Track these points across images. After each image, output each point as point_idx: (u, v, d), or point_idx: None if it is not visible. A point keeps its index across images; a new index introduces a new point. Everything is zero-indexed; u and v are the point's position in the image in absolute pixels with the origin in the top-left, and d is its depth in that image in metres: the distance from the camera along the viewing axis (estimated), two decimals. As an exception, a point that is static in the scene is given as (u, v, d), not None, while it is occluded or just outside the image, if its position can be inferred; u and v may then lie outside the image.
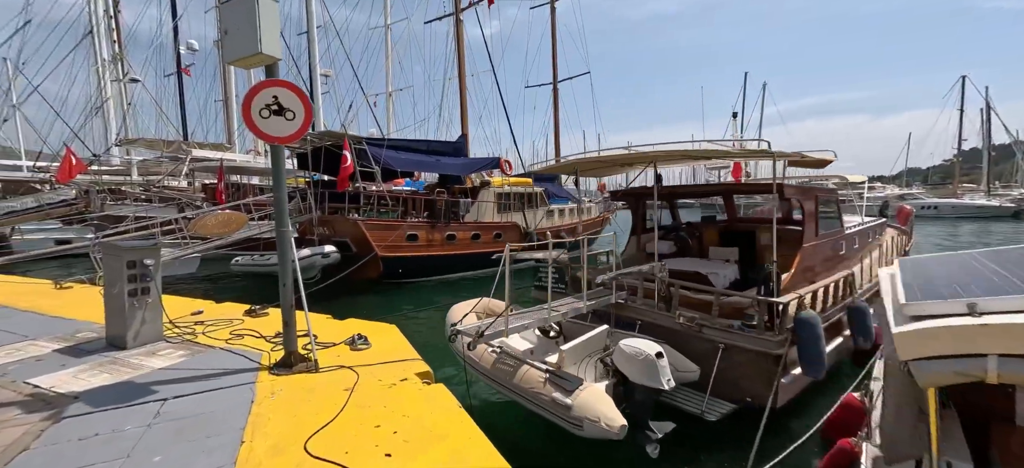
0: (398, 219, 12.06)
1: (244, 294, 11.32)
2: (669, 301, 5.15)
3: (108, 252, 4.70)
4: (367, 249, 11.45)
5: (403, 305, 11.01)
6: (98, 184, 15.90)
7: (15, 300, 7.12)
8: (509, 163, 15.32)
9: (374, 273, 11.89)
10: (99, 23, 26.62)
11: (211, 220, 9.56)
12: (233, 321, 5.70)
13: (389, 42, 29.15)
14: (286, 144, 4.00)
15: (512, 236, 15.51)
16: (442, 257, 12.98)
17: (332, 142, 11.55)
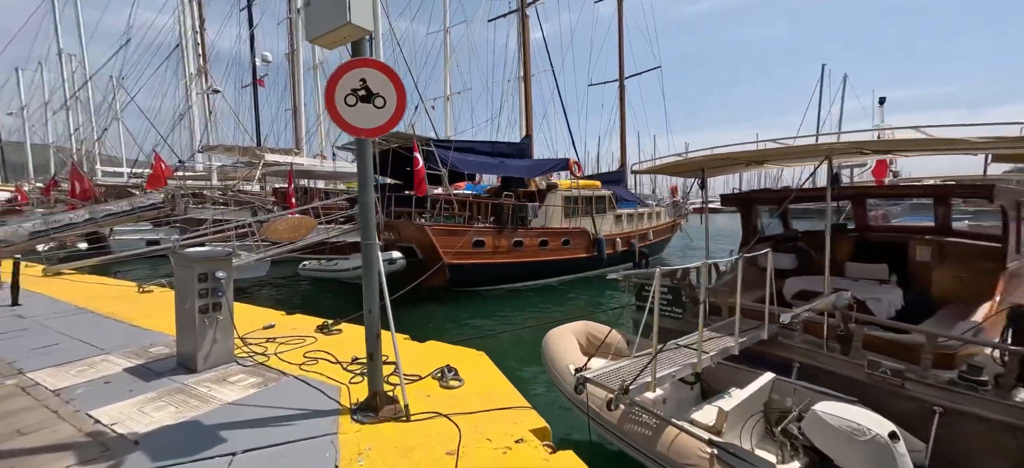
0: (464, 224, 11.41)
1: (311, 300, 11.18)
2: (846, 340, 3.90)
3: (180, 262, 4.24)
4: (434, 256, 10.88)
5: (471, 317, 10.30)
6: (182, 188, 16.72)
7: (101, 304, 7.11)
8: (578, 164, 14.29)
9: (440, 281, 11.31)
10: (186, 39, 28.82)
11: (282, 224, 9.38)
12: (305, 340, 5.14)
13: (448, 45, 29.11)
14: (374, 137, 3.26)
15: (581, 243, 14.45)
16: (509, 265, 12.19)
17: (400, 144, 11.13)
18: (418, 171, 10.28)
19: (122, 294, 7.95)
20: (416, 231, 10.69)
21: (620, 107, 21.55)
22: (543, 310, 11.14)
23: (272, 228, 9.30)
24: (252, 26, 28.55)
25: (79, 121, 37.57)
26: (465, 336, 8.97)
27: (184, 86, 31.32)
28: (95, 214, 16.82)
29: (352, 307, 11.33)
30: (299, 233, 9.79)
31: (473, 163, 12.53)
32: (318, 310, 10.81)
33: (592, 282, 14.79)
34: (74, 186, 18.88)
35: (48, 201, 22.45)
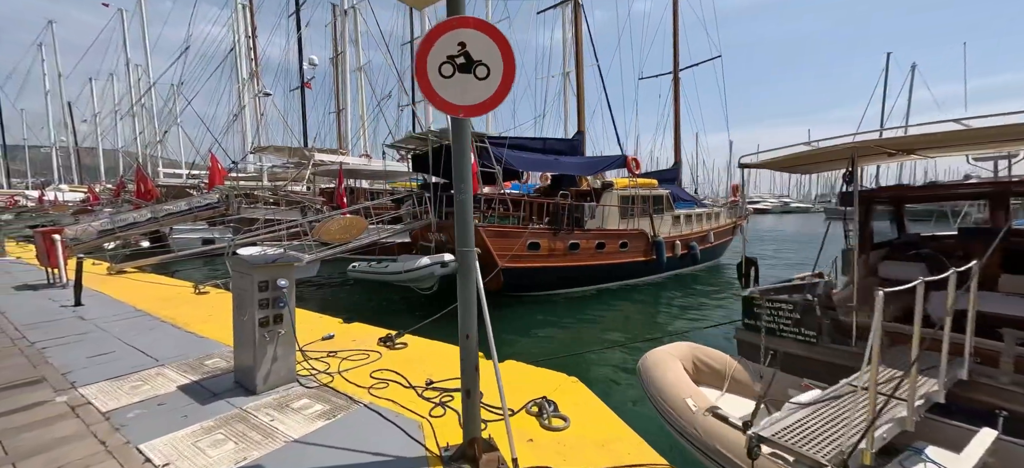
0: (518, 226, 10.73)
1: (363, 304, 10.84)
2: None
3: (238, 268, 3.75)
4: (488, 259, 10.26)
5: (530, 326, 9.60)
6: (235, 189, 17.02)
7: (159, 306, 6.92)
8: (636, 161, 13.30)
9: (494, 285, 10.68)
10: (239, 46, 29.90)
11: (334, 225, 9.05)
12: (369, 355, 4.58)
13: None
14: (474, 115, 2.58)
15: (639, 246, 13.45)
16: (565, 269, 11.40)
17: None
18: (471, 169, 9.69)
19: (179, 296, 7.78)
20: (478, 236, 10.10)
21: (674, 101, 20.26)
22: (602, 318, 10.30)
23: (325, 229, 8.96)
24: (300, 30, 29.22)
25: (143, 126, 40.03)
26: (524, 343, 8.28)
27: (236, 91, 32.68)
28: (156, 213, 17.43)
29: (408, 314, 10.92)
30: (351, 234, 9.42)
31: (528, 161, 11.85)
32: (373, 316, 10.37)
33: (649, 287, 13.77)
34: (139, 187, 19.75)
35: (116, 201, 23.75)
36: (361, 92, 27.31)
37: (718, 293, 12.78)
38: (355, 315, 10.25)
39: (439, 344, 4.97)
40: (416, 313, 10.15)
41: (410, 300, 11.43)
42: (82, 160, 51.70)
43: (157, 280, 9.46)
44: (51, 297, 7.69)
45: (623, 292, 12.74)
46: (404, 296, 11.69)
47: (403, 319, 10.00)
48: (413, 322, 9.72)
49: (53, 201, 32.59)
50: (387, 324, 6.72)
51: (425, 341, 5.10)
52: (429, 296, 10.11)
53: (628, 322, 10.07)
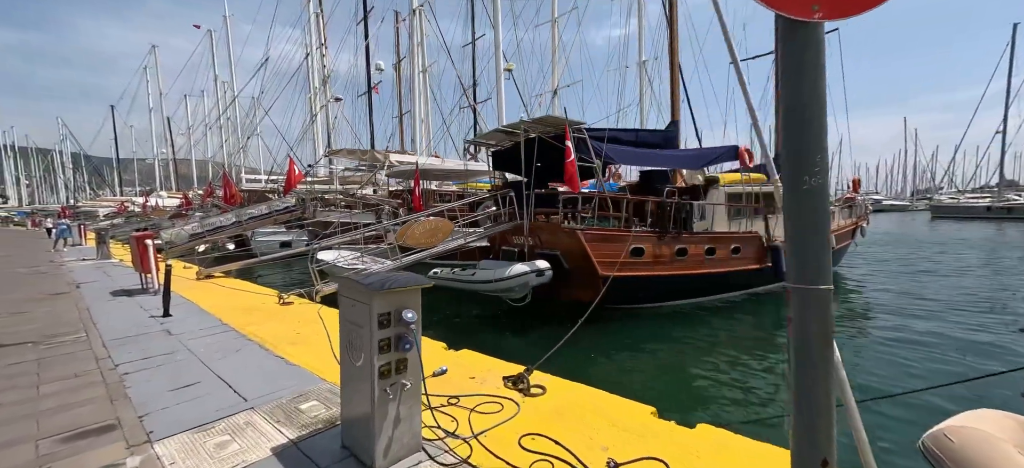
0: (621, 229, 9.30)
1: (451, 318, 9.82)
2: None
3: (349, 292, 2.71)
4: (585, 266, 8.95)
5: (641, 345, 8.15)
6: (311, 193, 17.04)
7: (244, 318, 6.31)
8: (749, 152, 11.37)
9: (589, 296, 9.33)
10: (312, 55, 30.99)
11: (419, 229, 8.18)
12: (502, 405, 3.43)
13: (556, 35, 27.33)
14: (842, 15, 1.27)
15: (751, 251, 11.48)
16: (673, 279, 9.79)
17: (550, 130, 9.38)
18: (569, 164, 8.45)
19: (263, 306, 7.20)
20: (566, 236, 8.85)
21: (776, 85, 17.69)
22: (719, 339, 8.59)
23: (410, 233, 8.11)
24: (367, 37, 29.66)
25: (227, 135, 43.09)
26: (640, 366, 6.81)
27: (308, 100, 34.04)
28: (240, 217, 17.92)
29: (493, 328, 9.82)
30: (436, 238, 8.52)
31: (629, 154, 10.39)
32: (460, 332, 9.22)
33: (763, 301, 11.72)
34: (225, 191, 20.60)
35: (205, 206, 25.24)
36: (425, 95, 27.05)
37: (880, 316, 10.17)
38: (438, 330, 9.31)
39: (589, 390, 3.72)
40: (504, 327, 9.04)
41: (493, 311, 10.38)
42: (178, 170, 56.98)
43: (241, 286, 9.11)
44: (142, 305, 7.41)
45: (731, 308, 10.86)
46: (485, 306, 10.66)
47: (500, 334, 9.21)
48: (502, 338, 8.66)
49: (155, 207, 35.69)
50: (480, 344, 5.65)
51: (566, 383, 3.88)
52: (518, 307, 8.96)
53: (747, 341, 8.29)
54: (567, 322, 9.75)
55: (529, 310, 9.26)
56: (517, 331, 8.76)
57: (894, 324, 9.25)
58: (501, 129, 9.81)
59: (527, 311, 9.22)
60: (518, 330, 8.81)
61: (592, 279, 9.17)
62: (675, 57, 13.14)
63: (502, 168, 11.97)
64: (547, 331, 8.89)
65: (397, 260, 8.44)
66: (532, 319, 9.12)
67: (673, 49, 13.05)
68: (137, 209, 38.34)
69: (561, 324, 9.40)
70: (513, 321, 9.49)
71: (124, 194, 57.45)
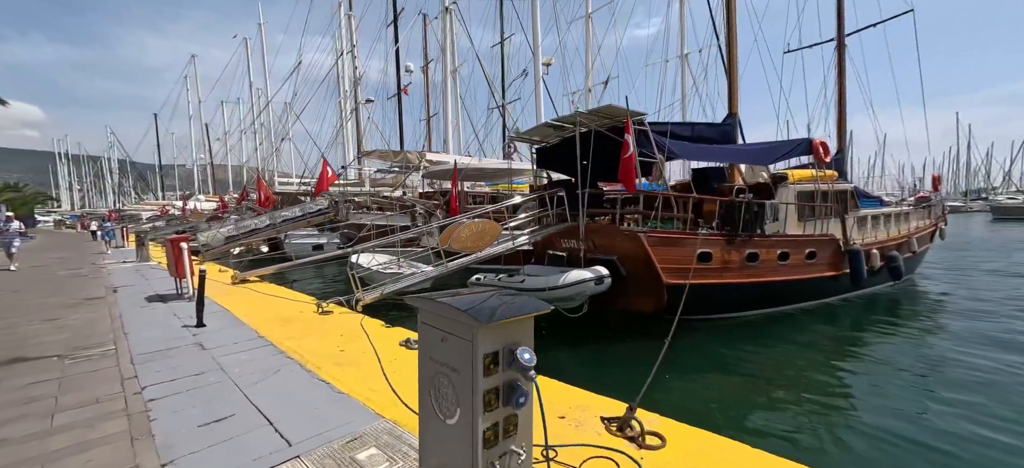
0: (686, 232, 8.33)
1: None
2: None
3: (433, 318, 1.95)
4: (646, 273, 8.03)
5: (721, 364, 7.17)
6: (345, 194, 16.69)
7: (282, 330, 5.72)
8: (824, 145, 10.16)
9: (648, 305, 8.41)
10: (343, 58, 31.10)
11: (465, 231, 7.47)
12: (617, 461, 2.59)
13: (589, 31, 26.37)
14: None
15: (828, 257, 10.28)
16: (743, 287, 8.73)
17: (607, 122, 8.51)
18: (627, 159, 7.56)
19: (301, 315, 6.62)
20: (626, 240, 7.95)
21: (838, 74, 16.28)
22: (800, 358, 7.49)
23: (455, 236, 7.41)
24: (396, 38, 29.47)
25: (261, 140, 44.00)
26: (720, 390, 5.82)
27: (338, 105, 34.22)
28: (274, 219, 17.78)
29: (558, 344, 8.82)
30: (483, 241, 7.78)
31: (693, 149, 9.41)
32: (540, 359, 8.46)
33: (838, 311, 10.47)
34: (259, 195, 20.60)
35: (240, 209, 25.50)
36: (456, 95, 26.57)
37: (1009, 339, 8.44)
38: None
39: (722, 441, 2.85)
40: (552, 340, 8.18)
41: (565, 330, 9.57)
42: (215, 174, 58.73)
43: (276, 292, 8.61)
44: (176, 312, 6.96)
45: (805, 317, 9.67)
46: (558, 325, 9.82)
47: (540, 351, 7.41)
48: (553, 353, 7.77)
49: (193, 210, 36.64)
50: (550, 368, 4.86)
51: (686, 430, 3.02)
52: (566, 319, 8.10)
53: (838, 363, 7.15)
54: (622, 335, 8.84)
55: (577, 321, 8.38)
56: (567, 345, 7.91)
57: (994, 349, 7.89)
58: (550, 122, 9.00)
59: (575, 322, 8.33)
60: (568, 344, 7.96)
61: (653, 287, 8.24)
62: (733, 44, 12.04)
63: (547, 166, 11.16)
64: (601, 346, 8.02)
65: (441, 266, 7.74)
66: (582, 331, 8.24)
67: (731, 35, 11.96)
68: (177, 212, 39.53)
69: (616, 337, 8.49)
70: (560, 333, 8.64)
71: (166, 198, 59.77)
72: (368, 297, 6.67)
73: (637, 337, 8.34)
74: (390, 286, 7.17)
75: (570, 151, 10.63)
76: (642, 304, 8.52)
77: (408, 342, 4.94)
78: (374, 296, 6.68)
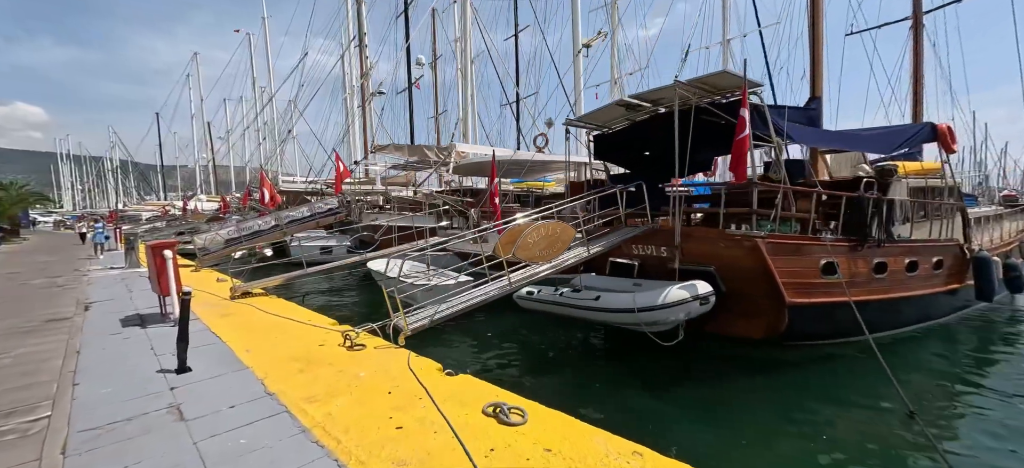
0: (807, 236, 6.52)
1: (544, 350, 7.43)
2: None
3: None
4: (760, 288, 6.25)
5: (848, 412, 5.37)
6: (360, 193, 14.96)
7: (300, 381, 3.98)
8: (951, 131, 8.35)
9: (757, 329, 6.62)
10: (350, 53, 29.46)
11: (531, 237, 5.71)
12: None
13: (615, 17, 24.55)
14: None
15: (952, 265, 8.47)
16: (873, 305, 6.90)
17: (711, 95, 6.66)
18: (741, 141, 5.77)
19: (325, 351, 4.87)
20: (733, 246, 6.14)
21: (914, 57, 14.41)
22: (931, 381, 5.69)
23: (522, 243, 5.63)
24: (408, 28, 27.77)
25: (264, 137, 42.44)
26: None
27: (343, 103, 32.52)
28: (280, 220, 16.02)
29: (628, 375, 5.76)
30: (556, 249, 6.00)
31: (811, 133, 7.58)
32: (566, 380, 6.20)
33: (953, 330, 8.61)
34: (263, 193, 18.86)
35: (243, 209, 23.79)
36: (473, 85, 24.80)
37: None
38: (522, 371, 6.73)
39: None
40: (616, 369, 6.36)
41: (589, 339, 7.77)
42: (218, 174, 57.10)
43: (287, 311, 6.87)
44: (154, 344, 5.22)
45: (920, 336, 7.85)
46: (575, 332, 8.02)
47: (610, 387, 5.90)
48: (626, 391, 5.95)
49: (194, 210, 35.02)
50: (589, 398, 3.07)
51: None
52: (667, 346, 6.25)
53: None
54: (718, 364, 6.83)
55: (696, 360, 6.55)
56: (641, 378, 6.11)
57: None
58: (625, 101, 7.22)
59: (643, 345, 6.50)
60: (642, 375, 6.17)
61: (767, 306, 6.45)
62: (818, 16, 10.21)
63: (607, 156, 9.39)
64: (694, 382, 6.17)
65: (496, 278, 5.97)
66: (656, 358, 6.41)
67: (817, 6, 10.14)
68: (178, 213, 37.98)
69: (710, 371, 6.54)
70: (623, 357, 6.85)
71: (167, 199, 58.28)
72: (414, 324, 4.92)
73: (736, 368, 6.53)
74: (436, 307, 5.43)
75: (635, 138, 8.85)
76: (748, 328, 6.72)
77: (499, 411, 3.17)
78: (421, 324, 4.93)
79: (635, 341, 6.98)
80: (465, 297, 5.44)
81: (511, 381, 6.00)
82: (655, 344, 6.21)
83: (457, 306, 5.26)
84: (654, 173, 8.97)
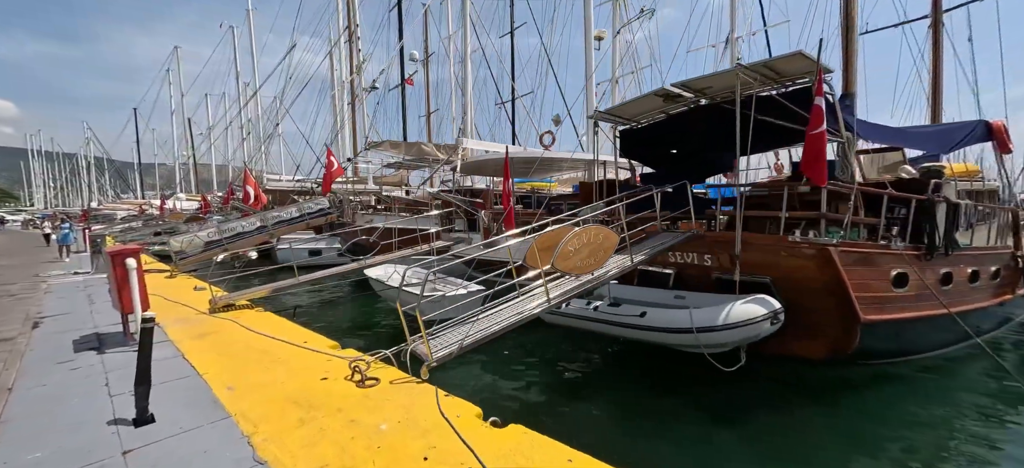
0: (879, 244, 5.75)
1: (575, 366, 6.23)
2: None
3: None
4: (829, 302, 5.46)
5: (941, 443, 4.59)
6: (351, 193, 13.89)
7: (301, 437, 3.01)
8: (1006, 129, 7.74)
9: (820, 349, 5.83)
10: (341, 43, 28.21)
11: (572, 244, 4.81)
12: None
13: (616, 13, 23.86)
14: None
15: (1008, 275, 7.83)
16: (940, 321, 6.16)
17: (783, 78, 5.80)
18: (817, 137, 4.95)
19: (329, 388, 3.90)
20: (797, 255, 5.32)
21: (933, 57, 13.96)
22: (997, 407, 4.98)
23: (563, 252, 4.73)
24: (401, 21, 26.69)
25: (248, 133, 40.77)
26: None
27: (331, 100, 31.20)
28: (266, 221, 14.81)
29: (673, 401, 4.43)
30: (599, 257, 5.12)
31: (878, 130, 6.81)
32: (601, 405, 5.26)
33: (1001, 343, 7.98)
34: (247, 192, 17.55)
35: (225, 209, 22.37)
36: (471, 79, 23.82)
37: None
38: (594, 428, 5.54)
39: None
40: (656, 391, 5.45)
41: (620, 352, 6.85)
42: (199, 173, 54.86)
43: (277, 330, 5.84)
44: (109, 377, 4.18)
45: (963, 355, 7.16)
46: (608, 358, 7.07)
47: (651, 415, 4.90)
48: (684, 428, 4.79)
49: (172, 209, 33.27)
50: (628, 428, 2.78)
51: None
52: (727, 371, 5.36)
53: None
54: (768, 387, 5.94)
55: (670, 362, 5.71)
56: (686, 402, 5.26)
57: None
58: (669, 89, 6.35)
59: (672, 364, 5.64)
60: (684, 400, 5.31)
61: (835, 323, 5.67)
62: (852, 16, 9.53)
63: (634, 154, 8.56)
64: (748, 410, 5.31)
65: (540, 298, 5.06)
66: (695, 382, 5.55)
67: (850, 14, 9.46)
68: (155, 212, 36.13)
69: (761, 395, 5.60)
70: (650, 376, 5.98)
71: (145, 198, 55.87)
72: (440, 353, 3.96)
73: (794, 394, 5.72)
74: (462, 328, 4.48)
75: (668, 132, 8.03)
76: (808, 347, 5.92)
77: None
78: (448, 352, 3.98)
79: (655, 355, 6.13)
80: (498, 317, 4.50)
81: (545, 414, 5.08)
82: (685, 366, 5.36)
83: (490, 327, 4.32)
84: (682, 172, 8.17)
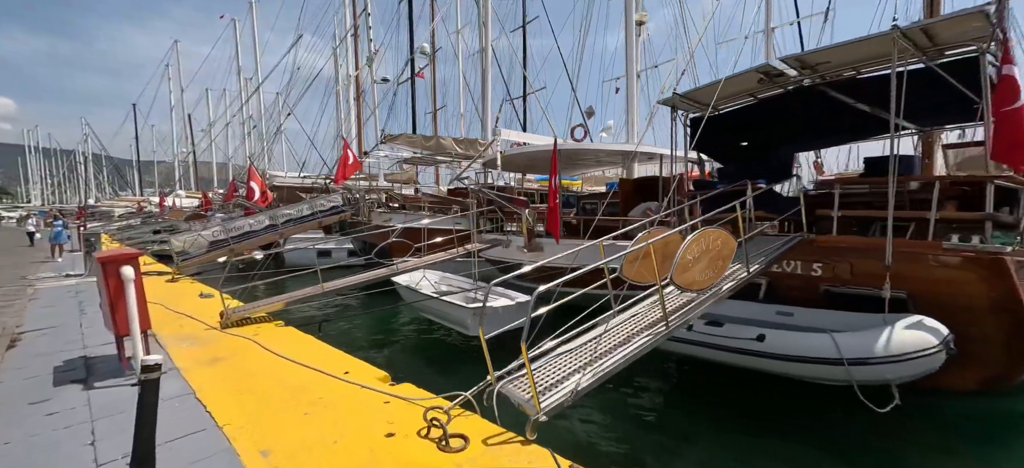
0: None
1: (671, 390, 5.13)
2: None
3: None
4: (989, 322, 4.43)
5: None
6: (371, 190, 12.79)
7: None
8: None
9: (972, 379, 4.78)
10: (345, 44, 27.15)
11: (691, 251, 3.76)
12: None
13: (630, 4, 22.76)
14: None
15: None
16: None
17: (941, 45, 4.73)
18: (1014, 113, 3.91)
19: (399, 454, 2.80)
20: (958, 266, 4.24)
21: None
22: None
23: (681, 263, 3.66)
24: (412, 14, 25.59)
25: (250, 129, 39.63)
26: None
27: (336, 94, 30.11)
28: (276, 220, 13.73)
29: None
30: (717, 270, 4.05)
31: None
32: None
33: None
34: (251, 189, 16.35)
35: (227, 206, 21.25)
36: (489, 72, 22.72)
37: None
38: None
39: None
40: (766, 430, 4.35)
41: (713, 376, 5.76)
42: (199, 171, 53.66)
43: (307, 355, 4.76)
44: (96, 431, 3.11)
45: None
46: (688, 383, 5.95)
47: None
48: None
49: (172, 206, 32.15)
50: None
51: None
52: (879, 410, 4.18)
53: None
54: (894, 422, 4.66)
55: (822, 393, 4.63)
56: (812, 445, 4.18)
57: None
58: (773, 64, 5.28)
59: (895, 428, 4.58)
60: (813, 442, 4.23)
61: (992, 347, 4.61)
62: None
63: (707, 146, 7.50)
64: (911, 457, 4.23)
65: (659, 326, 3.98)
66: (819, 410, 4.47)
67: None
68: (154, 209, 35.03)
69: (893, 432, 4.45)
70: (749, 402, 4.89)
71: (143, 195, 54.72)
72: (549, 404, 2.85)
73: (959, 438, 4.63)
74: (558, 365, 3.39)
75: (757, 118, 6.92)
76: (956, 377, 4.85)
77: None
78: (560, 400, 2.85)
79: (732, 377, 5.03)
80: (617, 352, 3.38)
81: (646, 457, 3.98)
82: (774, 390, 4.25)
83: (606, 364, 3.23)
84: (760, 167, 7.11)
